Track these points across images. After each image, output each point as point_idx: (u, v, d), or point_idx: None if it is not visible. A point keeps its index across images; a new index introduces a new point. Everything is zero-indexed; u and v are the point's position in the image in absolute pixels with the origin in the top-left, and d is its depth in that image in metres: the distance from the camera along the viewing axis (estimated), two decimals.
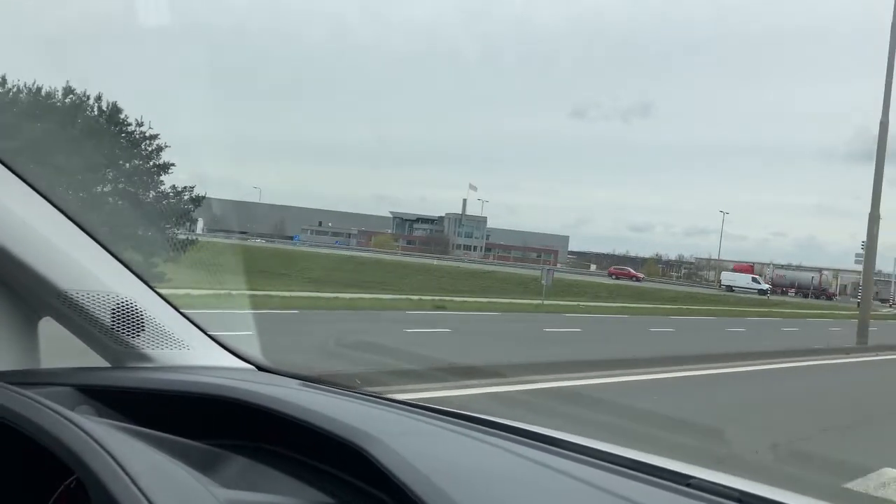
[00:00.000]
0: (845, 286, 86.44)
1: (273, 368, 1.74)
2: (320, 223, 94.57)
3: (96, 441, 1.06)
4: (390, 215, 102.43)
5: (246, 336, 3.28)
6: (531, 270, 54.96)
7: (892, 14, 19.95)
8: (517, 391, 8.35)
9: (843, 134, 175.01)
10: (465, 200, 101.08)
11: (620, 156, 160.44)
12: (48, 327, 1.54)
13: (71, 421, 1.11)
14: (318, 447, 1.29)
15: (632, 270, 74.38)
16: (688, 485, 1.16)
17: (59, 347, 1.58)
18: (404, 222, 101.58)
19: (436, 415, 1.49)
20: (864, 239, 21.05)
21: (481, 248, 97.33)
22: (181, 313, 1.65)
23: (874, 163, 20.45)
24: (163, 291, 1.62)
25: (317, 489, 1.25)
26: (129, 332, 1.54)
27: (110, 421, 1.32)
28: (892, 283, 75.21)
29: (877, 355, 18.18)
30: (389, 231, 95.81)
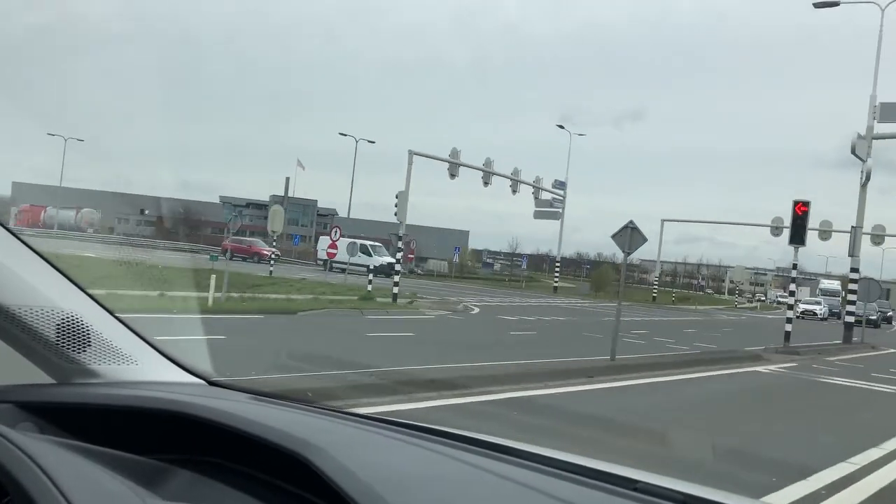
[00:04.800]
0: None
1: (223, 382, 1.74)
2: (142, 211, 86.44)
3: (30, 457, 1.05)
4: (220, 201, 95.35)
5: None
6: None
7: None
8: None
9: (833, 141, 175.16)
10: (287, 179, 74.53)
11: (612, 162, 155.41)
12: None
13: (5, 437, 1.09)
14: (265, 460, 1.30)
15: (259, 246, 47.49)
16: (634, 489, 1.20)
17: (2, 364, 1.51)
18: (235, 208, 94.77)
19: (387, 426, 1.50)
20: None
21: (310, 237, 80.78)
22: (129, 328, 1.62)
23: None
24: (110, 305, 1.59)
25: (263, 501, 1.27)
26: (74, 347, 1.50)
27: (52, 437, 1.30)
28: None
29: None
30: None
